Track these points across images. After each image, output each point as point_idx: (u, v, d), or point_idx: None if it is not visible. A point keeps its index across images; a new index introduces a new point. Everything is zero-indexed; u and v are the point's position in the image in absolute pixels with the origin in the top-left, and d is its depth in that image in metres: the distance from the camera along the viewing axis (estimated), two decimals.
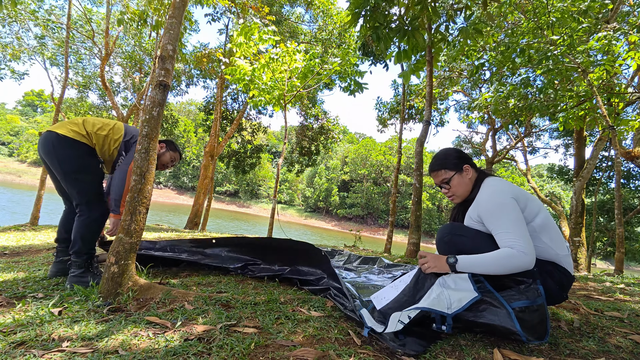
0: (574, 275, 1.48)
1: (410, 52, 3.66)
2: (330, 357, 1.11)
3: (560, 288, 1.39)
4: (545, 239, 1.40)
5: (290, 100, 7.09)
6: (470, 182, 1.56)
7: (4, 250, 2.96)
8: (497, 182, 1.48)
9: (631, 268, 31.33)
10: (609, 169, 11.39)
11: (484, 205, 1.42)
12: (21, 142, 51.33)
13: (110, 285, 1.53)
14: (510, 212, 1.35)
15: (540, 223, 1.41)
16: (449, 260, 1.37)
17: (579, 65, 4.50)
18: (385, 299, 1.54)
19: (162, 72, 1.69)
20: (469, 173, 1.57)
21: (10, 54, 10.80)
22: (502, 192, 1.40)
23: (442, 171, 1.59)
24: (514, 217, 1.34)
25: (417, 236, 3.89)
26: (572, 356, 1.26)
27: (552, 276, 1.38)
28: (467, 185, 1.56)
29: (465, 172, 1.57)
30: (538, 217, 1.42)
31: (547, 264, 1.40)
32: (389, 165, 47.66)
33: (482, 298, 1.28)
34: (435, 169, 1.61)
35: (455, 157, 1.59)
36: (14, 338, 1.13)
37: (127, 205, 1.59)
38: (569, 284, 1.42)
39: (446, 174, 1.58)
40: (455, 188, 1.57)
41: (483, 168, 1.64)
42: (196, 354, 1.08)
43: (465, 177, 1.56)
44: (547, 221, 1.43)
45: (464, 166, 1.57)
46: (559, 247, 1.42)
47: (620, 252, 4.25)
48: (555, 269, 1.39)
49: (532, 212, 1.42)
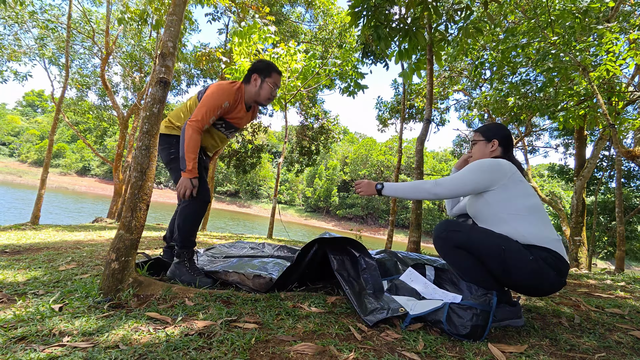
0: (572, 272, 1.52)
1: (410, 52, 3.66)
2: (330, 352, 1.11)
3: (558, 274, 1.40)
4: (535, 219, 1.45)
5: (291, 100, 7.09)
6: (490, 155, 1.69)
7: (4, 248, 2.96)
8: (502, 160, 1.57)
9: (632, 267, 31.29)
10: (610, 168, 11.38)
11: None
12: (22, 143, 51.39)
13: (110, 282, 1.53)
14: (468, 172, 1.52)
15: (529, 205, 1.47)
16: (377, 186, 1.68)
17: (579, 63, 4.50)
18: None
19: (162, 69, 1.69)
20: (494, 147, 1.69)
21: (10, 56, 10.80)
22: (485, 162, 1.53)
23: (478, 134, 1.76)
24: (466, 176, 1.51)
25: (418, 234, 3.89)
26: (573, 351, 1.26)
27: (548, 262, 1.39)
28: (485, 155, 1.70)
29: (492, 145, 1.69)
30: (528, 199, 1.48)
31: (541, 251, 1.41)
32: (390, 165, 47.64)
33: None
34: (475, 130, 1.81)
35: (494, 130, 1.71)
36: (14, 333, 1.13)
37: (127, 202, 1.59)
38: (566, 269, 1.43)
39: (477, 137, 1.75)
40: (474, 151, 1.75)
41: (515, 157, 1.73)
42: (197, 348, 1.08)
43: (488, 148, 1.70)
44: (538, 207, 1.48)
45: (493, 140, 1.69)
46: (549, 231, 1.45)
47: (621, 250, 4.25)
48: (550, 255, 1.40)
49: (521, 191, 1.49)
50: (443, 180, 1.53)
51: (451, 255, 1.50)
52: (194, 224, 1.91)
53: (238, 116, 2.04)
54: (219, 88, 1.90)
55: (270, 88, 2.00)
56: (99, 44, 11.21)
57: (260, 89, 1.99)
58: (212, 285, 1.81)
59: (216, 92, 1.88)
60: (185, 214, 1.90)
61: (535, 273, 1.38)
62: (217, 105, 1.88)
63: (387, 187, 1.64)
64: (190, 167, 1.82)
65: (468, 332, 1.28)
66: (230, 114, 2.00)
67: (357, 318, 1.45)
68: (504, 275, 1.42)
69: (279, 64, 6.46)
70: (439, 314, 1.35)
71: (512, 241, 1.42)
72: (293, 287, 1.85)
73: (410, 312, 1.41)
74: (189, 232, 1.91)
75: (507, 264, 1.39)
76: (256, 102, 2.07)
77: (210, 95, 1.87)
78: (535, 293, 1.51)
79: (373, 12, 3.39)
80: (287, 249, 2.90)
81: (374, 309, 1.47)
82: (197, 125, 1.84)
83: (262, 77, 1.98)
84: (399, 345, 1.22)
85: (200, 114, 1.85)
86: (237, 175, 16.48)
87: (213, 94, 1.88)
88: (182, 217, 1.90)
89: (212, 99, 1.87)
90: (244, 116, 2.08)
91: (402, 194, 1.60)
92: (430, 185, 1.54)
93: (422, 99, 11.02)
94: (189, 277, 1.82)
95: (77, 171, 54.82)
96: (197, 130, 1.85)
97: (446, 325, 1.31)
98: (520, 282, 1.43)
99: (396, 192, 1.61)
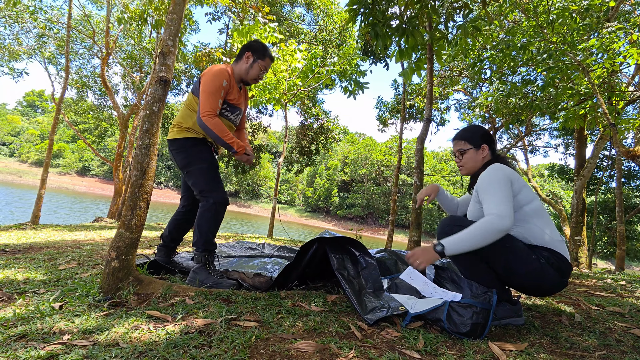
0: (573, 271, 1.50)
1: (410, 51, 3.65)
2: (331, 350, 1.11)
3: (560, 274, 1.40)
4: (539, 223, 1.44)
5: (291, 99, 7.08)
6: (482, 160, 1.65)
7: (5, 247, 2.96)
8: (501, 165, 1.54)
9: (632, 267, 31.25)
10: (610, 168, 11.37)
11: (480, 180, 1.51)
12: (22, 143, 51.39)
13: (111, 280, 1.53)
14: (499, 187, 1.42)
15: (534, 208, 1.46)
16: (437, 248, 1.39)
17: (579, 63, 4.50)
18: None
19: (162, 68, 1.69)
20: (485, 153, 1.65)
21: (9, 55, 10.80)
22: (498, 170, 1.48)
23: (462, 142, 1.68)
24: (503, 192, 1.41)
25: (418, 234, 3.88)
26: (573, 349, 1.26)
27: (550, 262, 1.39)
28: (478, 162, 1.66)
29: (482, 150, 1.65)
30: (532, 203, 1.47)
31: (543, 250, 1.41)
32: (390, 165, 47.61)
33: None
34: (457, 138, 1.71)
35: (479, 135, 1.67)
36: (14, 331, 1.13)
37: (127, 201, 1.59)
38: (568, 269, 1.43)
39: (464, 146, 1.68)
40: (465, 160, 1.68)
41: (502, 154, 1.70)
42: (197, 346, 1.08)
43: (480, 155, 1.65)
44: (541, 210, 1.48)
45: (483, 145, 1.65)
46: (553, 233, 1.44)
47: (621, 250, 4.24)
48: (552, 255, 1.41)
49: (526, 197, 1.47)
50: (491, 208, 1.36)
51: None
52: (215, 226, 1.88)
53: (236, 96, 2.06)
54: (213, 72, 1.90)
55: (260, 70, 2.03)
56: (99, 44, 11.21)
57: (250, 67, 2.00)
58: (238, 287, 1.76)
59: (212, 76, 1.88)
60: (207, 216, 1.85)
61: (537, 273, 1.38)
62: (219, 87, 1.88)
63: (449, 246, 1.37)
64: (236, 147, 1.87)
65: (468, 330, 1.28)
66: (230, 95, 2.00)
67: (358, 316, 1.45)
68: (506, 273, 1.42)
69: (279, 62, 6.46)
70: (439, 312, 1.35)
71: (515, 240, 1.42)
72: (293, 285, 1.84)
73: (411, 311, 1.41)
74: (211, 234, 1.87)
75: (510, 263, 1.39)
76: (242, 81, 2.07)
77: (208, 82, 1.87)
78: (537, 293, 1.51)
79: (370, 9, 3.39)
80: (287, 249, 2.90)
81: (373, 307, 1.47)
82: (210, 113, 1.84)
83: (255, 57, 2.00)
84: (399, 343, 1.22)
85: (208, 103, 1.84)
86: (237, 175, 16.46)
87: (210, 79, 1.88)
88: (204, 219, 1.85)
89: (212, 83, 1.87)
90: (240, 95, 2.10)
91: (469, 246, 1.34)
92: (496, 224, 1.32)
93: (422, 98, 11.02)
94: (213, 280, 1.77)
95: (77, 171, 54.88)
96: (213, 116, 1.84)
97: (446, 324, 1.31)
98: (522, 281, 1.43)
99: (462, 247, 1.35)
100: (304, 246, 1.79)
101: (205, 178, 1.89)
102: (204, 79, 1.89)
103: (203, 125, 1.83)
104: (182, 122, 1.98)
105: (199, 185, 1.88)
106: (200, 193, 1.88)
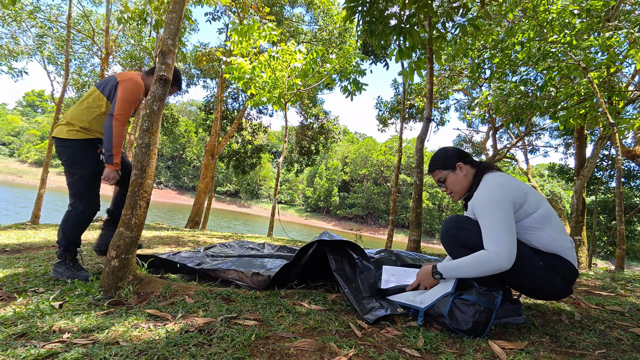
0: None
1: (410, 50, 3.65)
2: (330, 349, 1.11)
3: (566, 282, 1.38)
4: (549, 230, 1.40)
5: (291, 99, 7.08)
6: (466, 178, 1.56)
7: (5, 247, 2.96)
8: (495, 177, 1.46)
9: (632, 267, 31.25)
10: (610, 168, 11.37)
11: (475, 201, 1.44)
12: (22, 143, 51.37)
13: (111, 279, 1.53)
14: (496, 211, 1.35)
15: (542, 214, 1.40)
16: (435, 277, 1.46)
17: (579, 62, 4.50)
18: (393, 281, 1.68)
19: (162, 67, 1.69)
20: (464, 170, 1.57)
21: (8, 52, 10.78)
22: (495, 189, 1.40)
23: (437, 171, 1.63)
24: (499, 216, 1.34)
25: (418, 233, 3.88)
26: (573, 348, 1.26)
27: (557, 269, 1.37)
28: (463, 182, 1.57)
29: (459, 169, 1.57)
30: (539, 209, 1.41)
31: (552, 257, 1.38)
32: (390, 165, 47.59)
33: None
34: (431, 170, 1.67)
35: (448, 156, 1.60)
36: (14, 330, 1.13)
37: (127, 200, 1.59)
38: (574, 277, 1.41)
39: (440, 174, 1.61)
40: (451, 186, 1.60)
41: (486, 162, 1.63)
42: (197, 345, 1.08)
43: (460, 174, 1.57)
44: (549, 214, 1.42)
45: (457, 164, 1.57)
46: (563, 239, 1.40)
47: (621, 249, 4.24)
48: (560, 262, 1.38)
49: (532, 205, 1.41)
50: (490, 243, 1.32)
51: (458, 254, 1.46)
52: (81, 230, 1.97)
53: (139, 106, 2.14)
54: (136, 81, 1.98)
55: None
56: (98, 44, 11.20)
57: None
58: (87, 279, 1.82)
59: (136, 86, 1.97)
60: (74, 221, 1.92)
61: (542, 279, 1.36)
62: (137, 99, 1.99)
63: (446, 273, 1.42)
64: (117, 161, 1.92)
65: (469, 327, 1.27)
66: (138, 106, 2.10)
67: (357, 315, 1.45)
68: (510, 277, 1.40)
69: (279, 62, 6.46)
70: (441, 308, 1.35)
71: (522, 244, 1.39)
72: (293, 285, 1.85)
73: (421, 306, 1.41)
74: (74, 236, 1.95)
75: (515, 268, 1.35)
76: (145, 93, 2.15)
77: (130, 90, 1.95)
78: (539, 297, 1.51)
79: (368, 7, 3.39)
80: (287, 249, 2.90)
81: (372, 307, 1.48)
82: (123, 119, 1.92)
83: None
84: (399, 342, 1.22)
85: (124, 110, 1.91)
86: (237, 175, 16.46)
87: (133, 88, 1.96)
88: (70, 223, 1.91)
89: (133, 93, 1.96)
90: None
91: (465, 275, 1.37)
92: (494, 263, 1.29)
93: (422, 98, 11.02)
94: (71, 273, 1.87)
95: None
96: (124, 123, 1.93)
97: (448, 320, 1.31)
98: (526, 286, 1.42)
99: (458, 275, 1.39)
100: (304, 247, 1.80)
101: (84, 185, 1.94)
102: (126, 85, 1.95)
103: (110, 127, 1.88)
104: (76, 120, 1.94)
105: (75, 189, 1.93)
106: (73, 196, 1.93)
